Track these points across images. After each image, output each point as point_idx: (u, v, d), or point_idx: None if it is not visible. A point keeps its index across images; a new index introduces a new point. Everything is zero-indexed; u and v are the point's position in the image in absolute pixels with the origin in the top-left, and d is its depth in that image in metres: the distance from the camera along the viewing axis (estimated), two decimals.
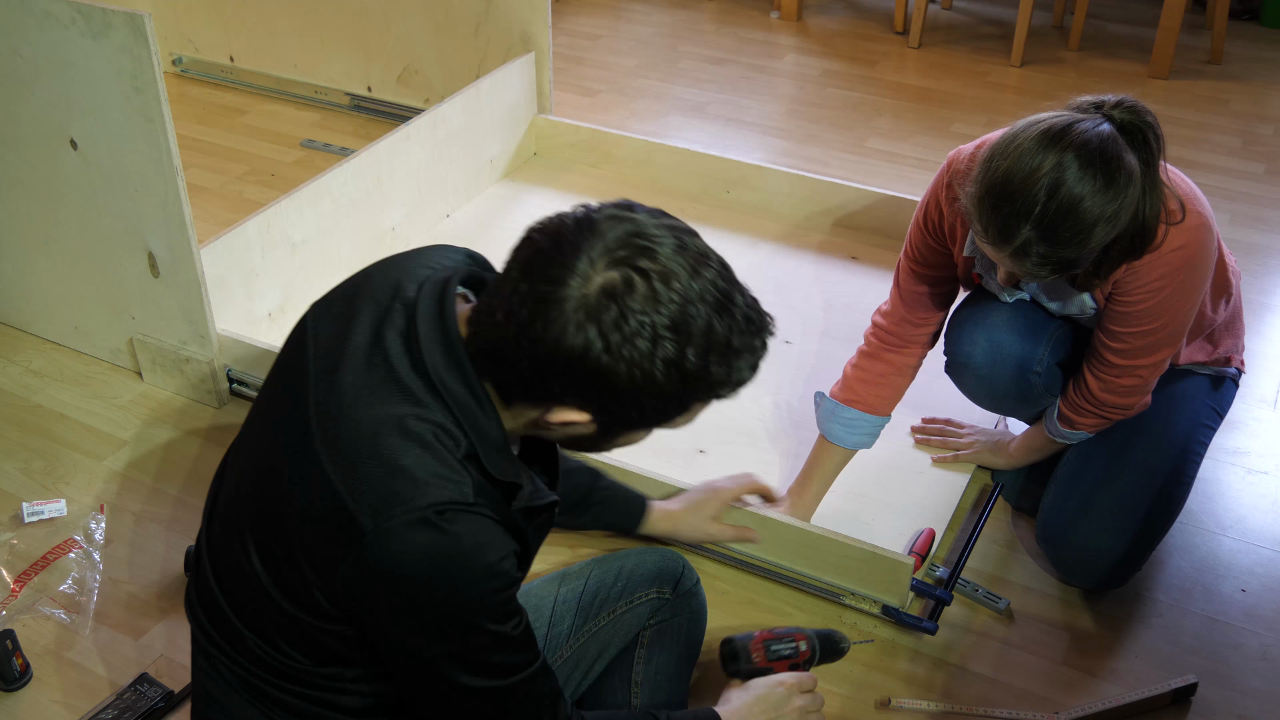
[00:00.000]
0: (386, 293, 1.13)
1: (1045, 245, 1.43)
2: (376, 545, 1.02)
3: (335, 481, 1.04)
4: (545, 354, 1.00)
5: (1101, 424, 1.78)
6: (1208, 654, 1.72)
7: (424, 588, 1.04)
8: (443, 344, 1.07)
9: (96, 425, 2.17)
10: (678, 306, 0.99)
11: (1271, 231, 2.77)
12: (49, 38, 1.95)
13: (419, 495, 1.02)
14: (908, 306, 1.84)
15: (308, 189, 2.39)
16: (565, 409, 1.05)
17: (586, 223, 1.02)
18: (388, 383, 1.06)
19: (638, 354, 0.99)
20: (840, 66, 3.79)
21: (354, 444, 1.04)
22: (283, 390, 1.16)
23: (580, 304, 0.98)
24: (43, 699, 1.65)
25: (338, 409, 1.06)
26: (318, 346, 1.13)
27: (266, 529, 1.12)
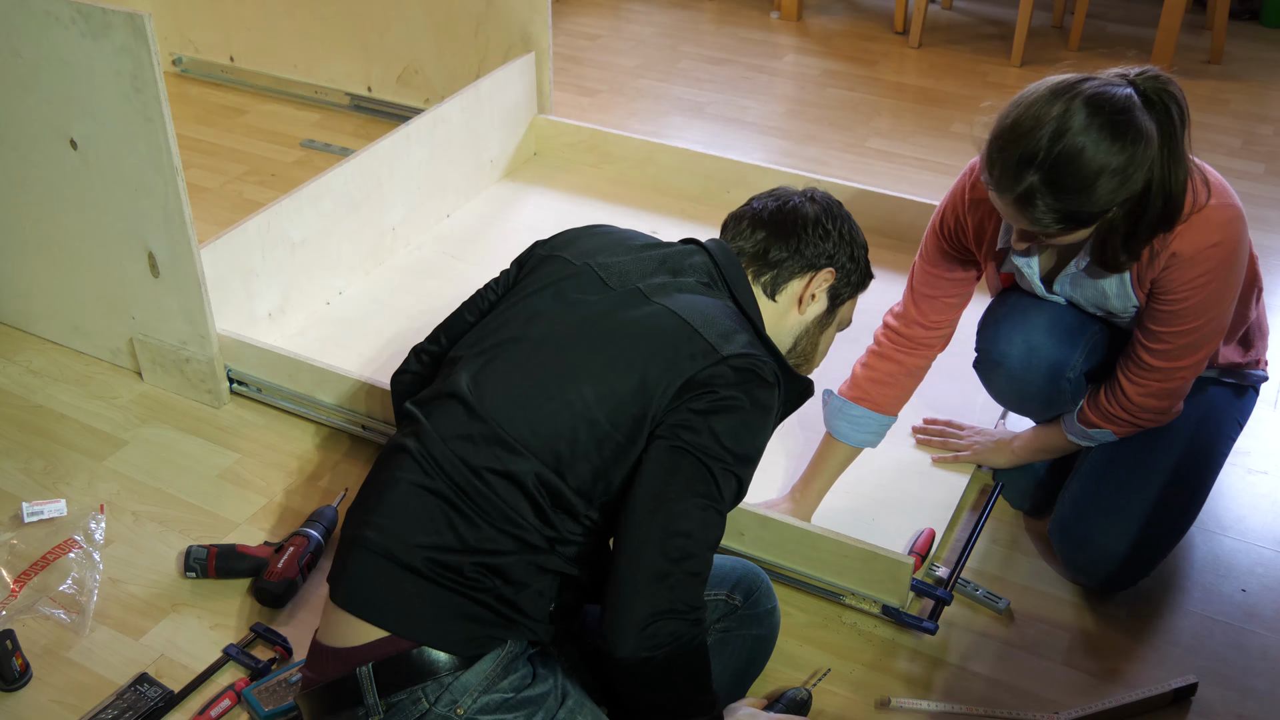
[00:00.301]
0: (637, 239, 1.57)
1: (1050, 194, 1.43)
2: (726, 363, 1.35)
3: (684, 316, 1.39)
4: (810, 219, 1.56)
5: (1131, 430, 1.76)
6: (1208, 654, 1.72)
7: (746, 410, 1.36)
8: (742, 283, 1.52)
9: (96, 425, 2.17)
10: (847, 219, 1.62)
11: (1271, 231, 2.77)
12: (49, 38, 1.95)
13: (754, 346, 1.40)
14: (920, 310, 1.84)
15: (308, 189, 2.39)
16: (824, 271, 1.55)
17: (771, 196, 1.63)
18: (717, 302, 1.46)
19: (848, 226, 1.60)
20: (840, 66, 3.80)
21: (708, 310, 1.42)
22: (569, 290, 1.47)
23: (815, 208, 1.59)
24: (43, 699, 1.65)
25: (684, 298, 1.44)
26: (607, 273, 1.48)
27: (598, 356, 1.39)
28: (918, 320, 1.85)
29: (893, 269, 2.57)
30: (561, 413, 1.36)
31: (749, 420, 1.37)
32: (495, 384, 1.40)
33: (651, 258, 1.50)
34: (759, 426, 1.39)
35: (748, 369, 1.36)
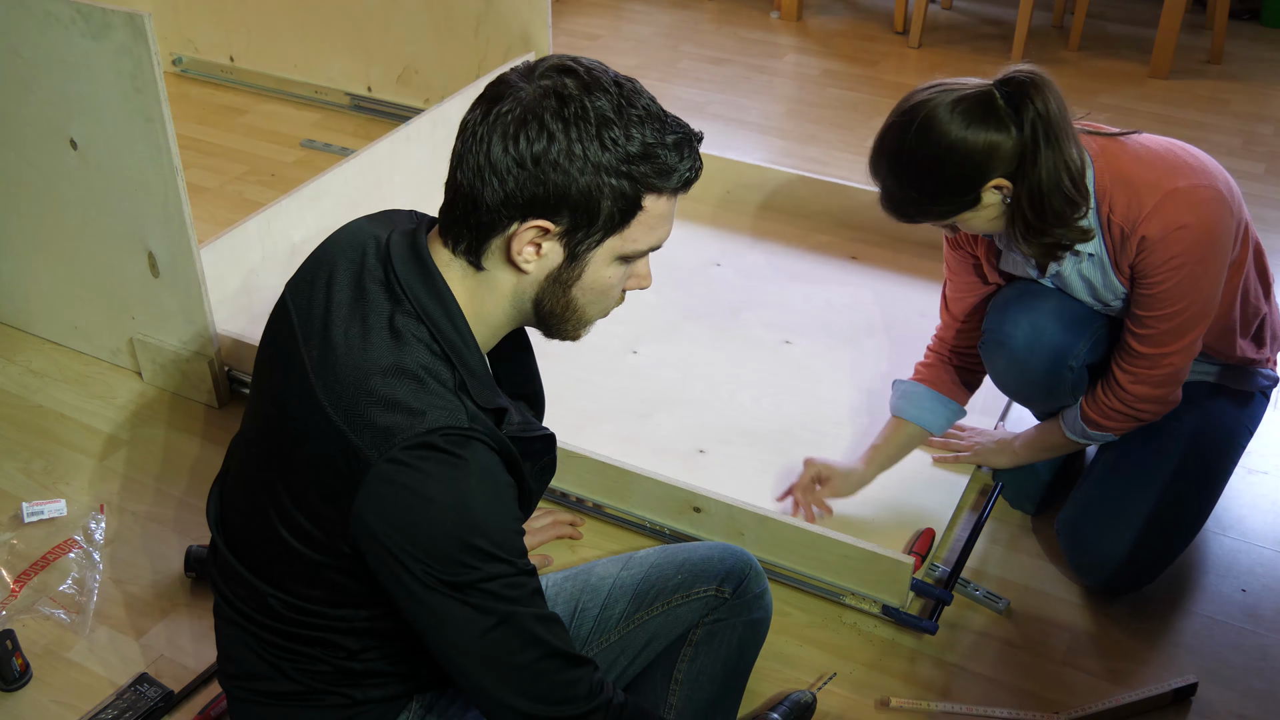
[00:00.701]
0: (356, 251, 1.21)
1: (894, 187, 1.62)
2: (381, 475, 1.08)
3: (339, 423, 1.10)
4: (497, 157, 1.09)
5: (1130, 425, 1.76)
6: (1208, 654, 1.72)
7: (428, 512, 1.08)
8: (423, 277, 1.15)
9: (96, 425, 2.17)
10: (610, 97, 1.10)
11: (1271, 232, 2.77)
12: (49, 38, 1.95)
13: (417, 424, 1.08)
14: (951, 314, 1.91)
15: (308, 189, 2.39)
16: (530, 220, 1.11)
17: (511, 71, 1.15)
18: (376, 329, 1.13)
19: (582, 135, 1.09)
20: (840, 66, 3.80)
21: (352, 387, 1.11)
22: (276, 363, 1.22)
23: (518, 103, 1.10)
24: (43, 699, 1.65)
25: (333, 360, 1.13)
26: (301, 314, 1.20)
27: (283, 485, 1.17)
28: (946, 321, 1.91)
29: (893, 269, 2.57)
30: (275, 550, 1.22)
31: (440, 513, 1.08)
32: (229, 515, 1.32)
33: (345, 300, 1.17)
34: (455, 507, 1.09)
35: (407, 462, 1.07)
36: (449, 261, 1.17)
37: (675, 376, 2.25)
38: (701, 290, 2.50)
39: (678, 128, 1.15)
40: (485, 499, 1.10)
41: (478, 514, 1.09)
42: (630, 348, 2.33)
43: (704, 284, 2.52)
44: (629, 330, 2.37)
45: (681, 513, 1.85)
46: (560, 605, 1.49)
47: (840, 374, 2.21)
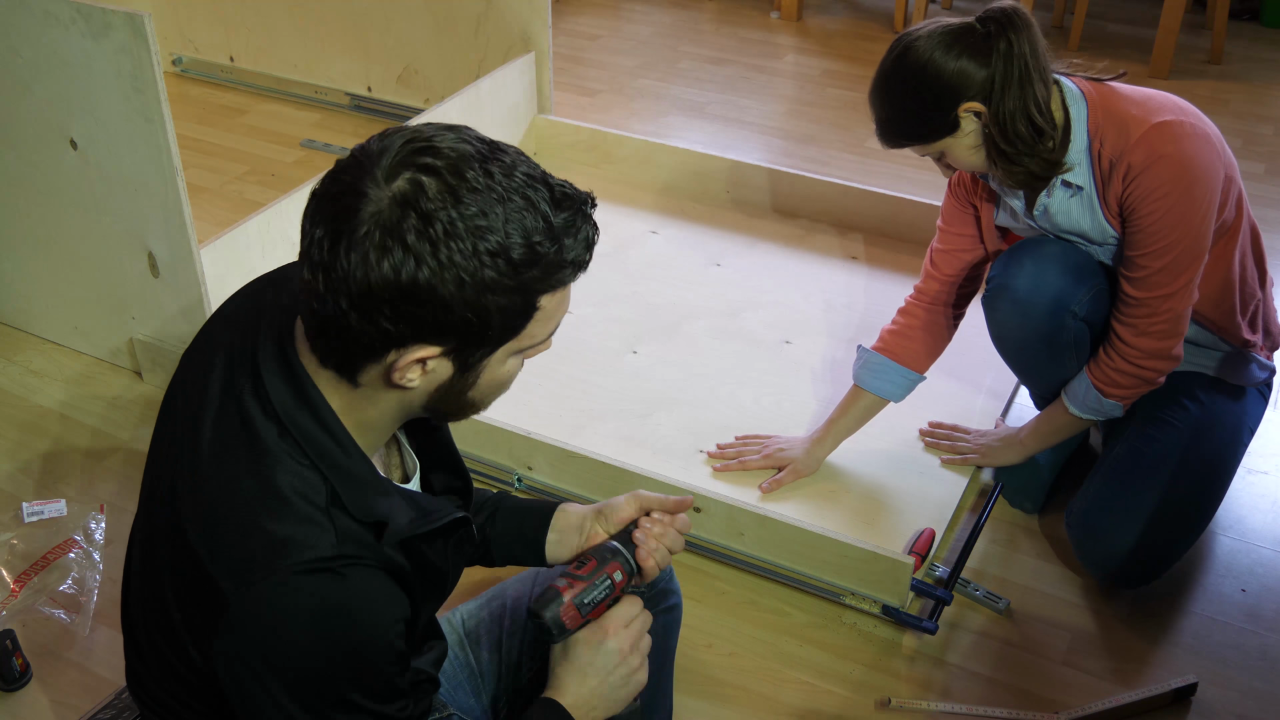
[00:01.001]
0: (240, 332, 1.07)
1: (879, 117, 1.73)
2: (239, 611, 0.96)
3: (197, 547, 0.98)
4: (363, 291, 0.92)
5: (1137, 390, 1.76)
6: (1208, 654, 1.72)
7: (286, 655, 0.96)
8: (289, 383, 1.02)
9: (96, 425, 2.17)
10: (479, 194, 0.93)
11: (1271, 232, 2.77)
12: (49, 38, 1.95)
13: (277, 556, 0.95)
14: (935, 264, 1.92)
15: (308, 189, 2.37)
16: (411, 349, 0.96)
17: (359, 152, 0.97)
18: (241, 437, 1.00)
19: (456, 254, 0.92)
20: (840, 66, 3.79)
21: (212, 507, 0.99)
22: (161, 449, 1.11)
23: (376, 224, 0.91)
24: (43, 699, 1.65)
25: (196, 471, 1.01)
26: (184, 400, 1.08)
27: (156, 608, 1.07)
28: (932, 274, 1.92)
29: (893, 269, 2.57)
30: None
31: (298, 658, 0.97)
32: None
33: (215, 399, 1.05)
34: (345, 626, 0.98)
35: (265, 599, 0.96)
36: (317, 369, 1.02)
37: (675, 376, 2.25)
38: (701, 290, 2.50)
39: (564, 202, 0.98)
40: (353, 637, 0.98)
41: (342, 659, 0.98)
42: (630, 348, 2.33)
43: (704, 284, 2.52)
44: (629, 330, 2.37)
45: None
46: (483, 634, 1.43)
47: (840, 374, 2.21)
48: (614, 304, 2.43)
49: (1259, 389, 1.91)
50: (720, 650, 1.73)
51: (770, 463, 1.97)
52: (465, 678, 1.41)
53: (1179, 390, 1.83)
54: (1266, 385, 1.91)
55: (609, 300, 2.44)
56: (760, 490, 1.94)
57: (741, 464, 1.98)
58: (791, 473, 1.96)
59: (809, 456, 1.97)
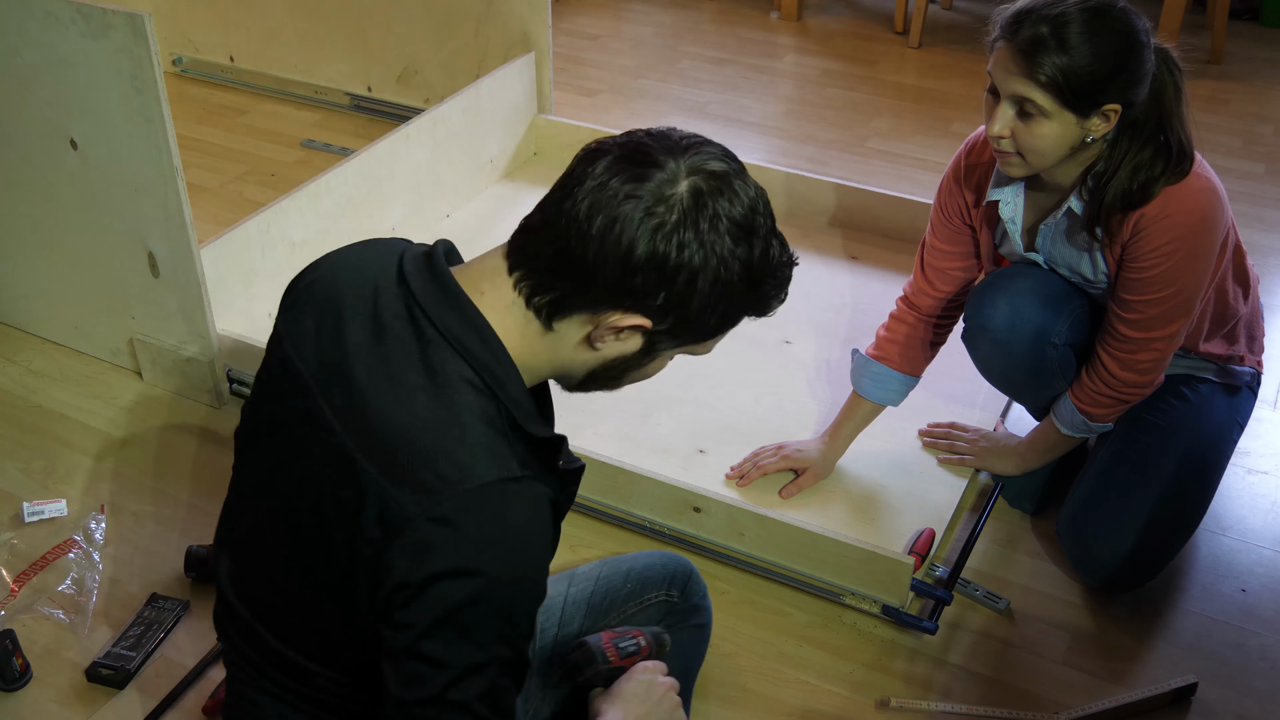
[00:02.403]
0: (365, 288, 1.09)
1: (1054, 41, 1.50)
2: (426, 532, 0.97)
3: (377, 476, 1.00)
4: (638, 252, 1.00)
5: (1119, 410, 1.77)
6: (1208, 654, 1.72)
7: (461, 574, 0.98)
8: (454, 310, 1.04)
9: (96, 425, 2.17)
10: (749, 211, 1.04)
11: (1271, 231, 2.77)
12: (49, 38, 1.95)
13: (464, 478, 0.98)
14: (927, 280, 1.91)
15: (308, 189, 2.39)
16: (632, 314, 1.04)
17: (661, 136, 1.05)
18: (406, 368, 1.03)
19: (725, 252, 1.02)
20: (840, 66, 3.79)
21: (388, 435, 1.00)
22: (285, 421, 1.11)
23: (677, 202, 1.00)
24: (43, 699, 1.65)
25: (362, 406, 1.03)
26: (308, 362, 1.09)
27: (310, 549, 1.07)
28: (925, 290, 1.91)
29: (893, 269, 2.57)
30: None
31: (471, 586, 0.99)
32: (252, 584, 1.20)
33: (363, 339, 1.07)
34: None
35: (450, 520, 0.98)
36: (510, 305, 1.06)
37: (675, 376, 2.24)
38: None
39: (787, 256, 1.10)
40: (521, 572, 1.01)
41: (509, 592, 1.01)
42: None
43: None
44: None
45: (681, 513, 1.85)
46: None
47: (840, 374, 2.20)
48: None
49: (1246, 386, 1.91)
50: (720, 650, 1.73)
51: (787, 464, 1.96)
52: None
53: (1164, 390, 1.83)
54: (1254, 381, 1.91)
55: None
56: (781, 496, 1.94)
57: (759, 469, 1.97)
58: (811, 475, 1.96)
59: (825, 459, 1.97)
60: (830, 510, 1.92)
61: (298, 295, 1.16)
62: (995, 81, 1.58)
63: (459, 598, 0.98)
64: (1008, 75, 1.55)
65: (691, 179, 1.02)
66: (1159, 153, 1.58)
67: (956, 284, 1.90)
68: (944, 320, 1.94)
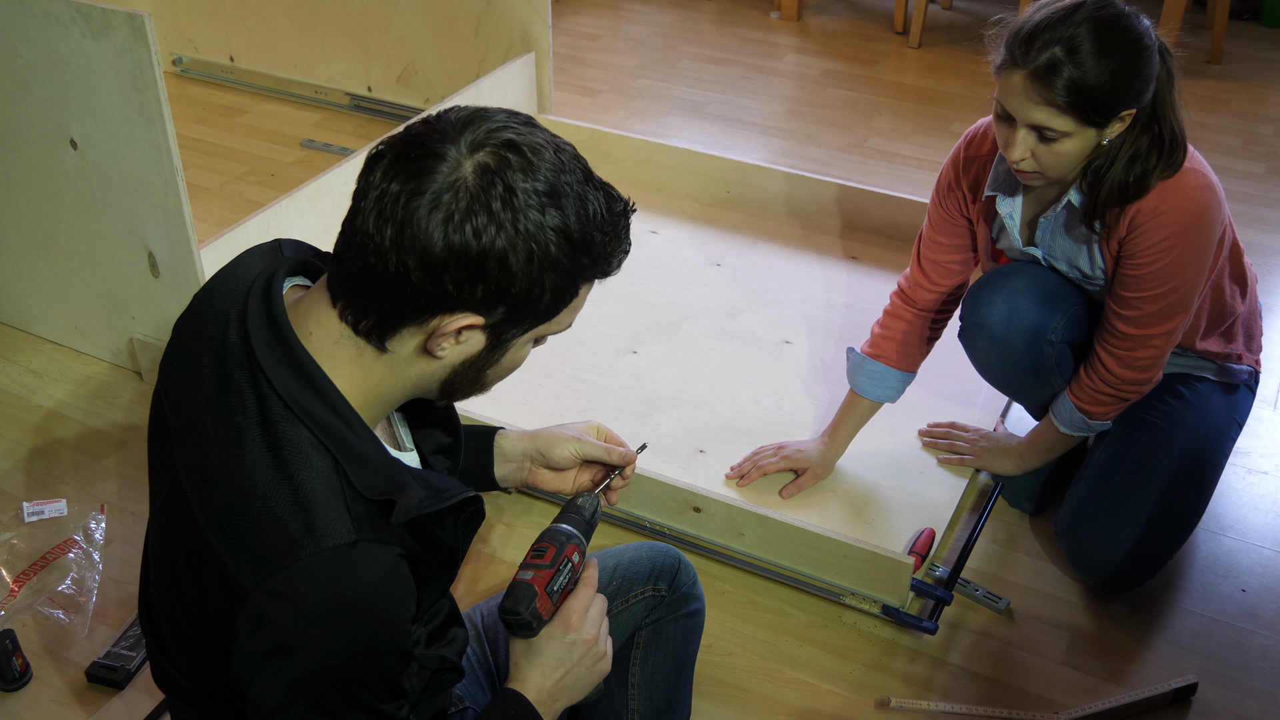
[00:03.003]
0: (218, 326, 1.05)
1: (1071, 63, 1.49)
2: (257, 604, 0.94)
3: (216, 545, 0.97)
4: (435, 251, 0.93)
5: (1118, 408, 1.77)
6: (1208, 654, 1.72)
7: (302, 646, 0.95)
8: (288, 363, 1.00)
9: (96, 425, 2.17)
10: (552, 174, 0.98)
11: (1271, 231, 2.77)
12: (49, 38, 1.95)
13: (295, 546, 0.94)
14: (924, 273, 1.90)
15: (308, 189, 2.39)
16: (458, 315, 0.98)
17: (437, 121, 0.99)
18: (246, 428, 0.99)
19: (531, 225, 0.95)
20: (840, 66, 3.79)
21: (227, 503, 0.97)
22: (158, 463, 1.09)
23: (462, 187, 0.94)
24: (43, 699, 1.65)
25: (205, 468, 1.00)
26: (171, 407, 1.06)
27: (181, 610, 1.06)
28: (921, 284, 1.91)
29: (893, 269, 2.57)
30: None
31: (312, 654, 0.96)
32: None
33: (211, 390, 1.03)
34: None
35: (283, 593, 0.94)
36: (339, 339, 1.01)
37: (675, 376, 2.25)
38: (701, 290, 2.50)
39: (614, 201, 1.03)
40: (364, 641, 0.97)
41: (355, 654, 0.97)
42: (630, 348, 2.32)
43: (704, 284, 2.52)
44: (629, 330, 2.37)
45: (681, 513, 1.86)
46: (501, 633, 1.44)
47: (839, 374, 2.20)
48: (614, 304, 2.43)
49: (1244, 384, 1.91)
50: (720, 650, 1.73)
51: (787, 464, 1.96)
52: (482, 674, 1.43)
53: (1162, 389, 1.83)
54: (1252, 379, 1.91)
55: (609, 300, 2.44)
56: (781, 496, 1.94)
57: (760, 469, 1.97)
58: (811, 475, 1.95)
59: (824, 459, 1.97)
60: (830, 510, 1.92)
61: (179, 321, 1.12)
62: (1010, 109, 1.57)
63: (297, 673, 0.96)
64: (1026, 104, 1.54)
65: (475, 158, 0.95)
66: (1154, 143, 1.58)
67: (954, 278, 1.90)
68: (940, 314, 1.94)
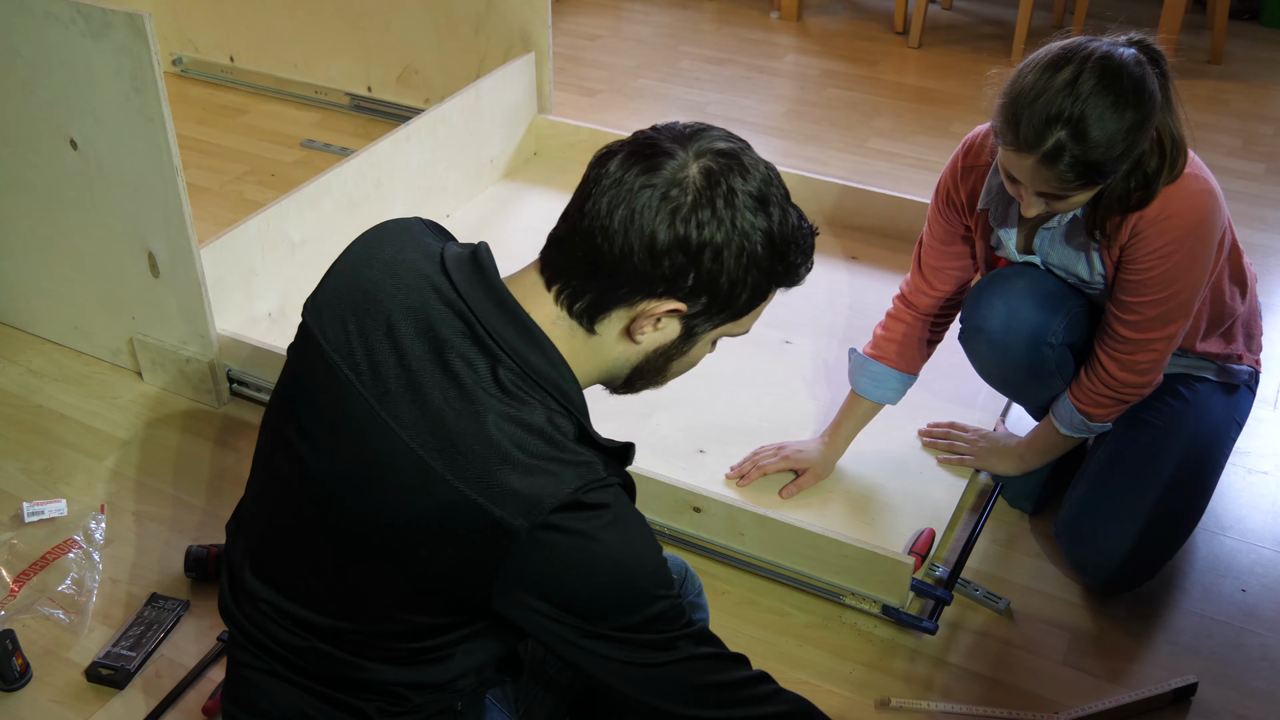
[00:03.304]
0: (410, 292, 1.10)
1: (1077, 146, 1.47)
2: (534, 543, 1.02)
3: (474, 495, 1.02)
4: (660, 237, 1.03)
5: (1118, 410, 1.78)
6: (1208, 654, 1.72)
7: (590, 575, 1.05)
8: (514, 326, 1.07)
9: (96, 425, 2.17)
10: (763, 184, 1.09)
11: (1271, 231, 2.77)
12: (49, 38, 1.95)
13: (561, 485, 1.02)
14: (925, 279, 1.90)
15: (308, 189, 2.39)
16: (666, 300, 1.07)
17: (665, 129, 1.10)
18: (480, 387, 1.05)
19: (745, 224, 1.05)
20: (840, 66, 3.79)
21: (480, 456, 1.03)
22: (330, 426, 1.10)
23: (689, 184, 1.04)
24: (42, 699, 1.65)
25: (441, 428, 1.04)
26: (360, 374, 1.09)
27: (390, 569, 1.09)
28: (921, 288, 1.91)
29: (893, 269, 2.57)
30: None
31: (602, 573, 1.06)
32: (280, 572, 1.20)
33: (423, 354, 1.08)
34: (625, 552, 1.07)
35: (559, 525, 1.03)
36: (555, 319, 1.09)
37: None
38: None
39: (806, 224, 1.13)
40: (638, 545, 1.08)
41: (635, 563, 1.07)
42: None
43: None
44: None
45: (681, 513, 1.86)
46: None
47: (840, 374, 2.20)
48: None
49: (1244, 385, 1.91)
50: None
51: (787, 464, 1.96)
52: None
53: (1162, 389, 1.83)
54: (1252, 379, 1.91)
55: None
56: (781, 496, 1.94)
57: (759, 469, 1.97)
58: (811, 475, 1.96)
59: (825, 459, 1.97)
60: (830, 510, 1.92)
61: (327, 297, 1.15)
62: (1019, 179, 1.56)
63: (597, 586, 1.05)
64: (1035, 181, 1.53)
65: (701, 161, 1.06)
66: (1152, 150, 1.58)
67: (954, 283, 1.90)
68: (941, 318, 1.94)
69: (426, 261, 1.12)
